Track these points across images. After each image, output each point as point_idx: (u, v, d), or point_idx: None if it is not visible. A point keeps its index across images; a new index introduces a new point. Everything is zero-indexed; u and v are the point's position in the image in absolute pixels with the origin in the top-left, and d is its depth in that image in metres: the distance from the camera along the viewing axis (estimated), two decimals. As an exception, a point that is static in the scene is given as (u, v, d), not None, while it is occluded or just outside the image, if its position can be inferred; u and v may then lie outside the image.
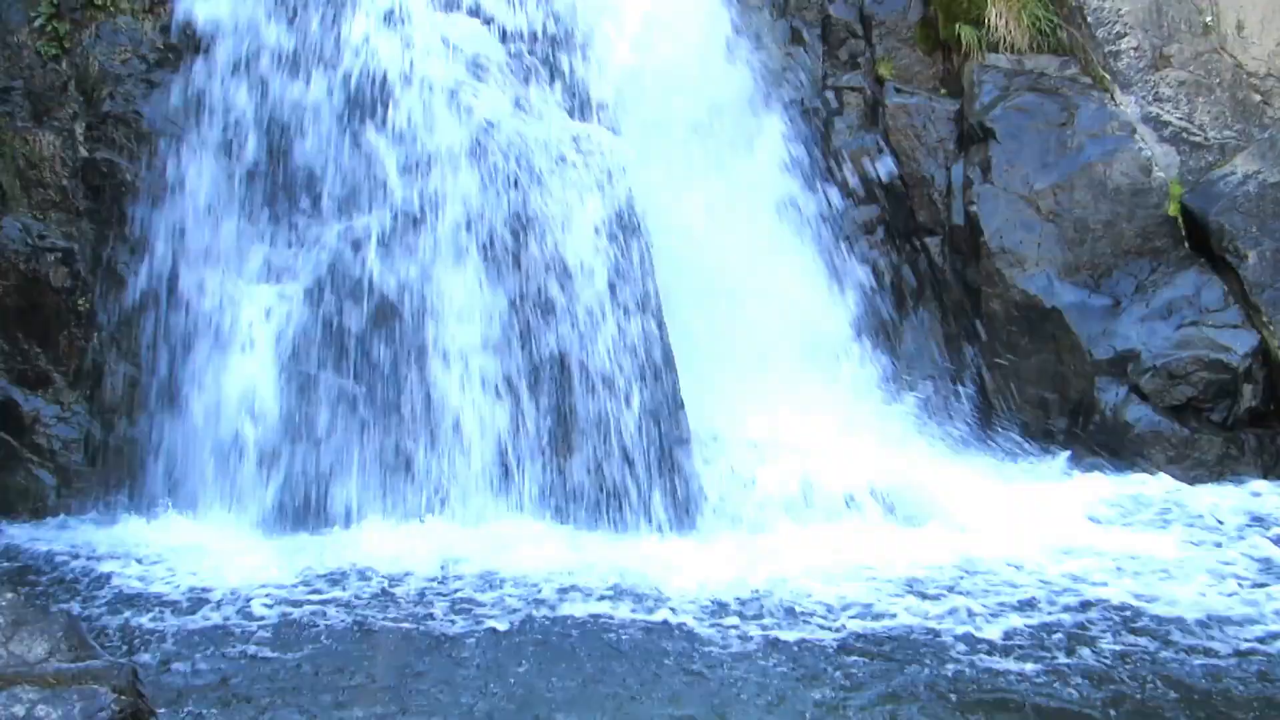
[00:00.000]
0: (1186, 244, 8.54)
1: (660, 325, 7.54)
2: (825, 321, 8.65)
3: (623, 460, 7.34)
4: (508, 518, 7.24)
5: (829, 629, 5.93)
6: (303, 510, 7.40)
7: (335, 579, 6.61)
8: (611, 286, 7.51)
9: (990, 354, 8.51)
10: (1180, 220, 8.56)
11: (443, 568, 6.66)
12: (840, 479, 7.40)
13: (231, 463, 7.50)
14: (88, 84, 8.12)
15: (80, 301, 7.90)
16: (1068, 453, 8.15)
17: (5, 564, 6.97)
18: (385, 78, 7.73)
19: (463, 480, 7.32)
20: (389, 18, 7.97)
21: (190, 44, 8.10)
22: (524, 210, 7.55)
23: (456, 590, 6.40)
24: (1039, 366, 8.36)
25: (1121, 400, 8.09)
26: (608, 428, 7.35)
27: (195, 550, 6.98)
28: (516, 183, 7.63)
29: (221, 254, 7.81)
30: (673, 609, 6.12)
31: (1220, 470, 7.90)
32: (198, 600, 6.34)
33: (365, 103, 7.78)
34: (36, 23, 8.19)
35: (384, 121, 7.79)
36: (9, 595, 4.48)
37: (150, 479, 7.64)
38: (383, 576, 6.57)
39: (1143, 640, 5.78)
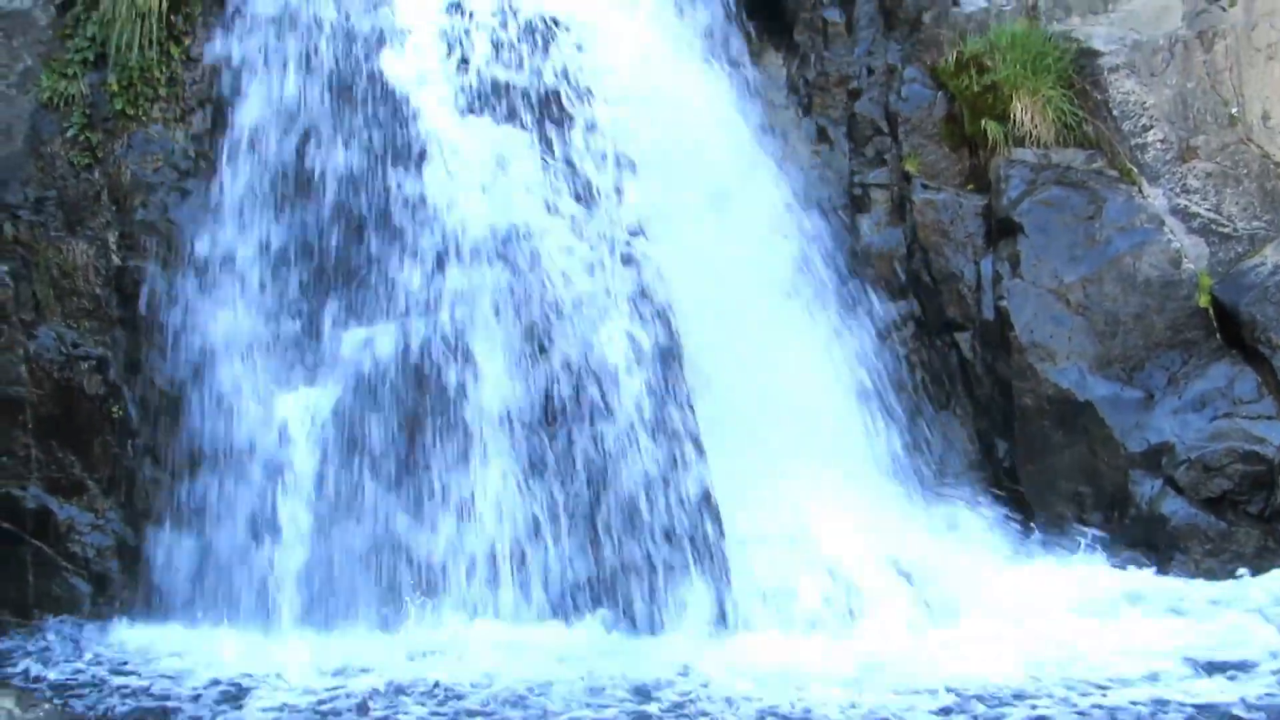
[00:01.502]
0: (1218, 335, 8.99)
1: (691, 416, 8.06)
2: (855, 416, 9.07)
3: (649, 557, 7.75)
4: (526, 615, 7.60)
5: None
6: (335, 613, 7.89)
7: (367, 671, 7.05)
8: (645, 382, 8.04)
9: (1023, 448, 9.01)
10: (1211, 312, 9.03)
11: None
12: (875, 577, 7.84)
13: (265, 568, 8.02)
14: (120, 193, 8.74)
15: (114, 409, 8.45)
16: (1104, 547, 8.61)
17: (39, 670, 7.41)
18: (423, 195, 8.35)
19: (483, 574, 7.72)
20: (416, 116, 8.61)
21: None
22: (555, 314, 8.13)
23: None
24: (1073, 460, 8.86)
25: (1157, 493, 8.59)
26: (637, 525, 7.82)
27: (228, 652, 7.43)
28: (547, 282, 8.21)
29: (256, 361, 8.39)
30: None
31: (1259, 563, 8.34)
32: (231, 698, 6.77)
33: (394, 213, 8.40)
34: (69, 133, 8.81)
35: (411, 224, 8.39)
36: (45, 707, 4.89)
37: (185, 586, 8.14)
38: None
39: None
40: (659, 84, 9.14)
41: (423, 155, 8.40)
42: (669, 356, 8.09)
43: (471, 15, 8.85)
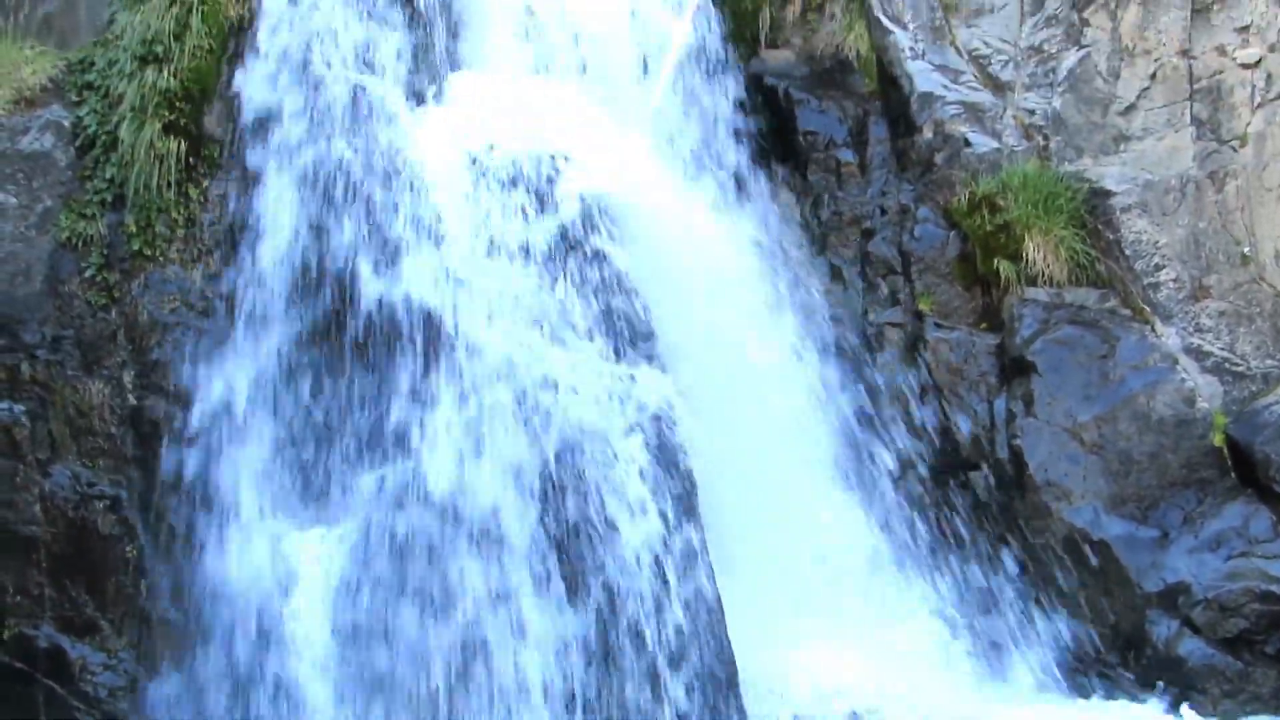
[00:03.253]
0: (1233, 474, 9.59)
1: (711, 581, 8.67)
2: (871, 557, 9.67)
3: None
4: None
5: None
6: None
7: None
8: (659, 535, 8.68)
9: (1040, 589, 9.69)
10: (1226, 451, 9.65)
11: None
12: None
13: (280, 710, 8.64)
14: (137, 332, 9.40)
15: (128, 549, 9.02)
16: (1121, 686, 9.21)
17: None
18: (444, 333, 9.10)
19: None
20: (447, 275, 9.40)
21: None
22: (571, 457, 8.85)
23: None
24: (1089, 600, 9.54)
25: (1174, 634, 9.17)
26: (651, 681, 8.39)
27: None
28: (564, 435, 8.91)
29: (271, 501, 9.10)
30: None
31: (1276, 703, 8.81)
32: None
33: (413, 356, 9.14)
34: (87, 273, 9.53)
35: (432, 363, 9.14)
36: None
37: (197, 726, 8.76)
38: None
39: None
40: (669, 221, 9.86)
41: (442, 293, 9.08)
42: (684, 504, 8.72)
43: (492, 147, 9.58)
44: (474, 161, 9.56)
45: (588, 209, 9.44)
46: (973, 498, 9.92)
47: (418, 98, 9.99)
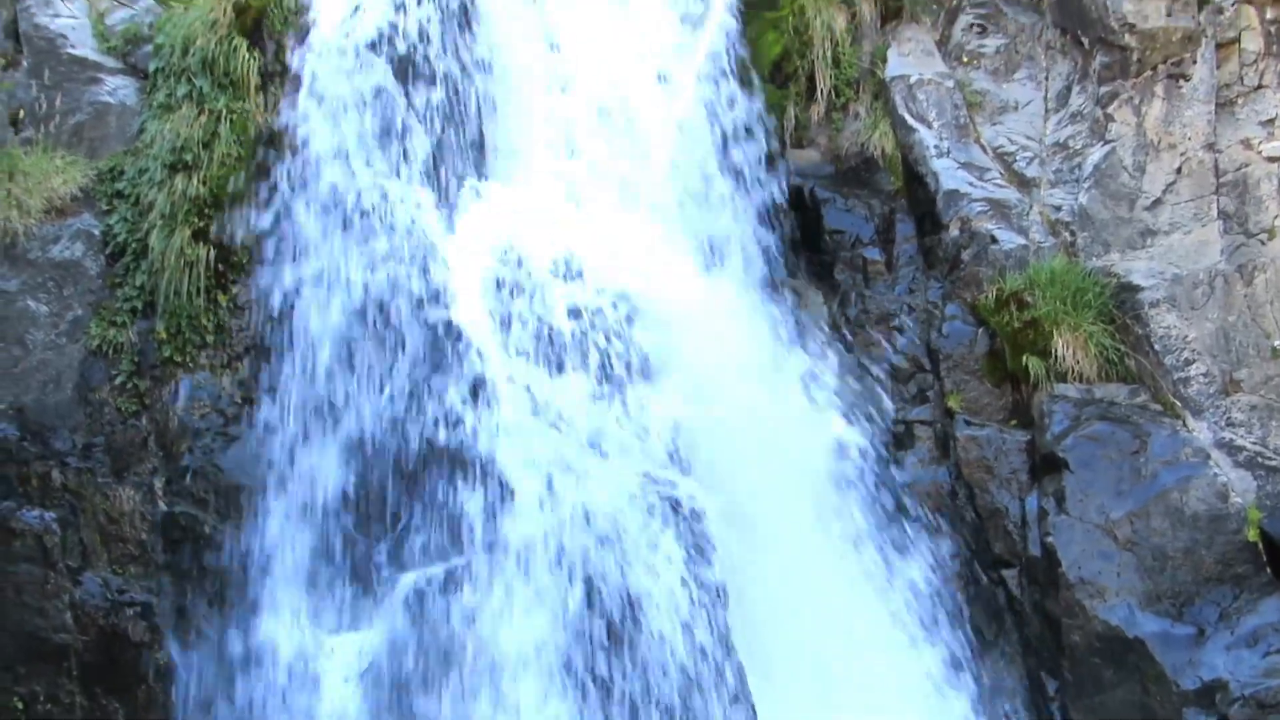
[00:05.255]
0: (1268, 570, 9.74)
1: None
2: (904, 657, 9.87)
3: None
4: None
5: None
6: None
7: None
8: (695, 647, 8.91)
9: (1074, 687, 9.73)
10: (1261, 546, 9.82)
11: None
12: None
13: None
14: (167, 439, 9.78)
15: (159, 655, 9.31)
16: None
17: None
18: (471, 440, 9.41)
19: None
20: (463, 364, 9.72)
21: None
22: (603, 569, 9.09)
23: None
24: (1124, 699, 9.58)
25: (1211, 731, 9.38)
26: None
27: None
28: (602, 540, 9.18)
29: (301, 604, 9.37)
30: None
31: (1314, 801, 9.05)
32: None
33: (443, 457, 9.44)
34: (118, 380, 9.91)
35: (461, 469, 9.44)
36: None
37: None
38: None
39: None
40: (702, 323, 10.18)
41: (471, 401, 9.38)
42: (716, 598, 8.98)
43: (520, 262, 9.93)
44: (499, 282, 9.88)
45: (616, 315, 9.66)
46: (1006, 596, 10.07)
47: (448, 206, 10.20)
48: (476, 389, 9.38)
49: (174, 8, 10.73)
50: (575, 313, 9.69)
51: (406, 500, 9.32)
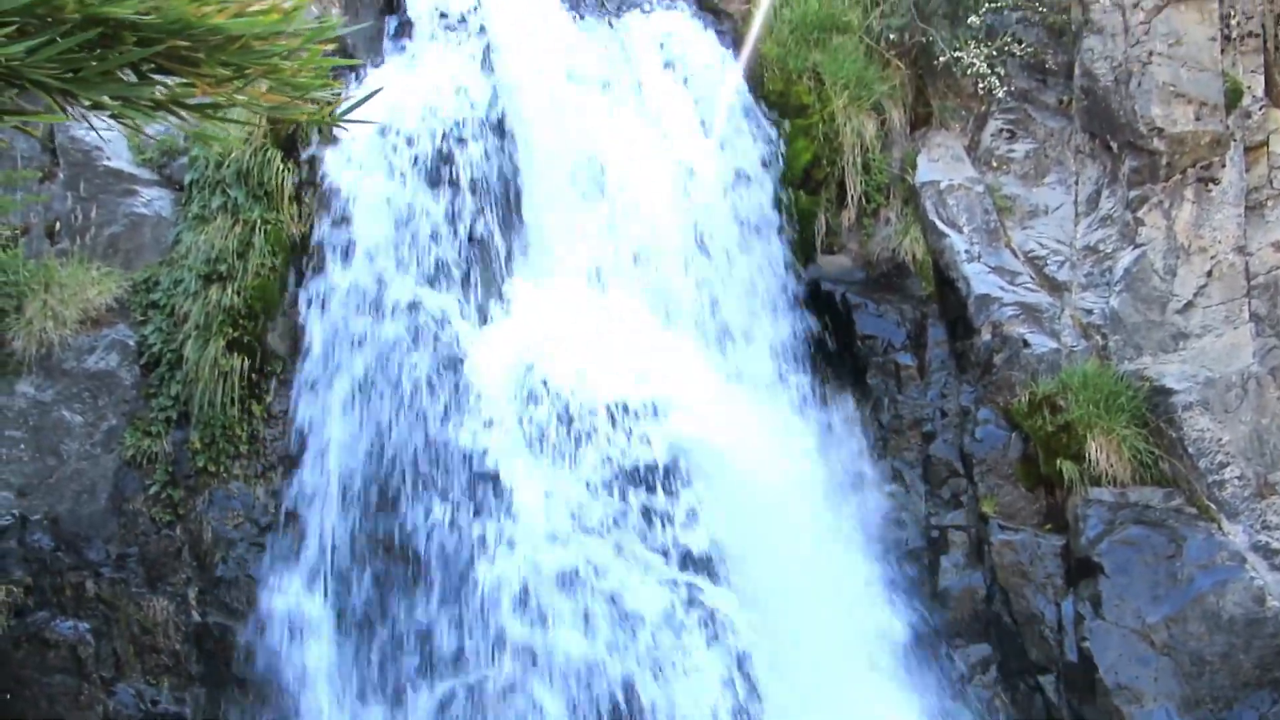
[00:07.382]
0: (1308, 676, 10.11)
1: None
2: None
3: None
4: None
5: None
6: None
7: None
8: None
9: (1115, 795, 10.05)
10: (1298, 650, 10.17)
11: None
12: None
13: None
14: (201, 549, 10.09)
15: (192, 767, 9.66)
16: None
17: None
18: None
19: None
20: (493, 479, 10.03)
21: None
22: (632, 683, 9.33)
23: None
24: (1165, 806, 9.88)
25: (1252, 840, 9.54)
26: None
27: None
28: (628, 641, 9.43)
29: (336, 716, 9.62)
30: None
31: None
32: None
33: (476, 568, 9.73)
34: (152, 490, 10.23)
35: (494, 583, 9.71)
36: None
37: None
38: None
39: None
40: (731, 433, 10.47)
41: (499, 516, 9.68)
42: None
43: (546, 382, 10.24)
44: (531, 393, 10.12)
45: (648, 427, 9.95)
46: (1043, 701, 10.25)
47: (480, 314, 10.53)
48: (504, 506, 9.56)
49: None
50: (606, 421, 9.87)
51: (435, 612, 9.44)
